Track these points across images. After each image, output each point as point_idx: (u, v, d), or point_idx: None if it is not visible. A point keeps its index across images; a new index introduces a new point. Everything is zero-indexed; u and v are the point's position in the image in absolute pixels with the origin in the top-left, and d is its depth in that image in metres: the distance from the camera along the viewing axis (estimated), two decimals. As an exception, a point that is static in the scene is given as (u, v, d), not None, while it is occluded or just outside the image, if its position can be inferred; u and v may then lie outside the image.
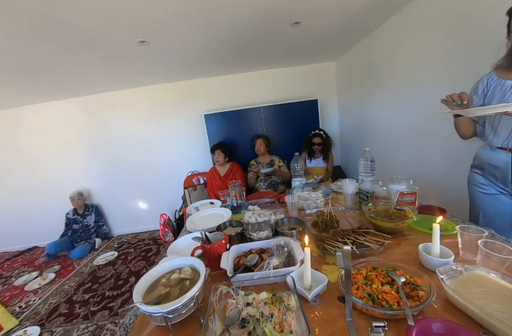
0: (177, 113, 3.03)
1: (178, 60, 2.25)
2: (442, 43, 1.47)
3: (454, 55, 1.40)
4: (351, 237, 0.82)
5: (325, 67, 3.13)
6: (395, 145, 2.11)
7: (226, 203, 1.46)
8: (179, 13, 1.42)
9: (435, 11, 1.47)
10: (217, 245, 0.81)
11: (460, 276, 0.60)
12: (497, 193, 1.03)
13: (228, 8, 1.45)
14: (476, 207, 1.10)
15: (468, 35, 1.30)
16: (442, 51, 1.49)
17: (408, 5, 1.66)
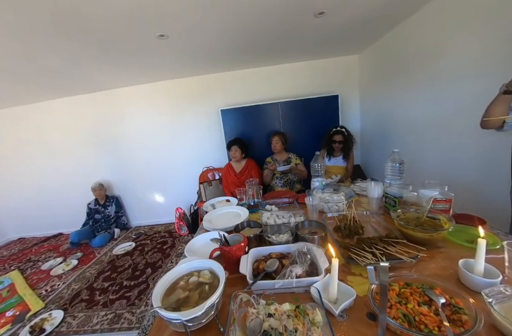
0: (194, 108, 3.03)
1: (197, 55, 2.22)
2: (487, 34, 1.31)
3: (500, 47, 1.25)
4: (379, 246, 0.76)
5: (348, 60, 2.97)
6: (425, 145, 1.96)
7: (242, 201, 1.44)
8: (199, 6, 1.37)
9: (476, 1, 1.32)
10: (236, 248, 0.78)
11: (510, 301, 0.53)
12: None
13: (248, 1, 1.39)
14: None
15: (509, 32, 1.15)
16: (480, 46, 1.34)
17: None
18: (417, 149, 2.05)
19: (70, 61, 1.97)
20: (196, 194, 2.89)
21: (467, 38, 1.46)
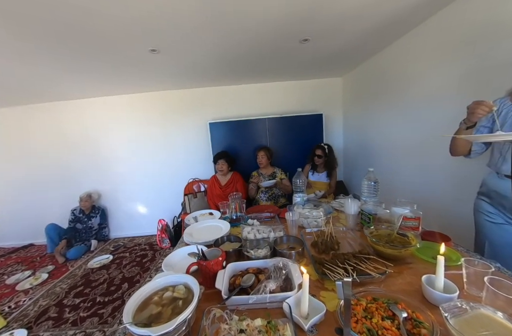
0: (183, 119, 3.08)
1: (188, 70, 2.30)
2: (456, 65, 1.46)
3: (468, 78, 1.39)
4: (352, 262, 0.79)
5: (332, 82, 3.18)
6: (399, 165, 2.09)
7: (225, 215, 1.45)
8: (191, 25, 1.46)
9: (448, 33, 1.48)
10: (214, 263, 0.79)
11: (465, 314, 0.57)
12: (505, 223, 0.99)
13: (238, 24, 1.50)
14: (482, 236, 1.07)
15: (483, 59, 1.29)
16: (454, 73, 1.48)
17: (420, 26, 1.68)
18: (392, 168, 2.18)
19: (60, 69, 1.99)
20: (181, 206, 2.85)
21: (432, 70, 1.63)
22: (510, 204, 0.96)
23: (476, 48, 1.31)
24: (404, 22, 1.63)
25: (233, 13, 1.36)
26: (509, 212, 0.98)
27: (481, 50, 1.28)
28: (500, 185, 0.98)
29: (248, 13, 1.37)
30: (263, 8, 1.34)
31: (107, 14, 1.27)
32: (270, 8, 1.34)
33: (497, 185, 1.00)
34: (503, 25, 1.17)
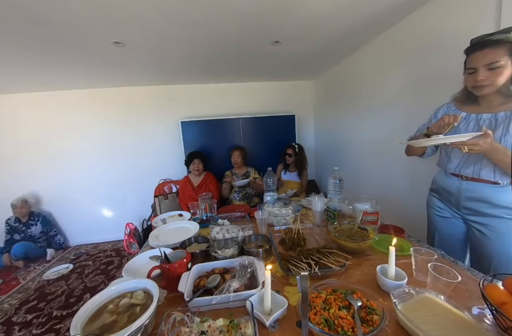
0: (153, 118, 2.94)
1: (156, 65, 2.20)
2: (409, 73, 1.59)
3: (420, 84, 1.52)
4: (315, 257, 0.82)
5: (304, 85, 3.29)
6: (363, 165, 2.23)
7: (196, 216, 1.41)
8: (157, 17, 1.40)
9: (407, 41, 1.60)
10: (178, 265, 0.76)
11: (411, 299, 0.63)
12: (451, 217, 1.08)
13: (207, 22, 1.47)
14: (433, 228, 1.17)
15: (432, 68, 1.42)
16: (408, 80, 1.61)
17: (383, 33, 1.80)
18: (358, 167, 2.32)
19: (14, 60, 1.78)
20: (151, 208, 2.72)
21: (393, 75, 1.75)
22: (455, 199, 1.03)
23: (429, 57, 1.43)
24: (370, 29, 1.73)
25: (202, 10, 1.34)
26: (454, 207, 1.05)
27: (434, 59, 1.40)
28: (447, 182, 1.06)
29: (218, 9, 1.35)
30: (233, 6, 1.33)
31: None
32: (241, 6, 1.33)
33: (444, 182, 1.08)
34: (453, 38, 1.28)
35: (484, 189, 0.92)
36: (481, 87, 0.86)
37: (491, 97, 0.88)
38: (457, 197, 1.01)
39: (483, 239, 0.96)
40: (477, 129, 0.91)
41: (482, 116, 0.91)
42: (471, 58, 0.87)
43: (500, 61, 0.79)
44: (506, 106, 0.86)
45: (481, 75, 0.83)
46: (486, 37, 0.83)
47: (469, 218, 1.00)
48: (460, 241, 1.09)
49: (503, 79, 0.82)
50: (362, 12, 1.48)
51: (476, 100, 0.94)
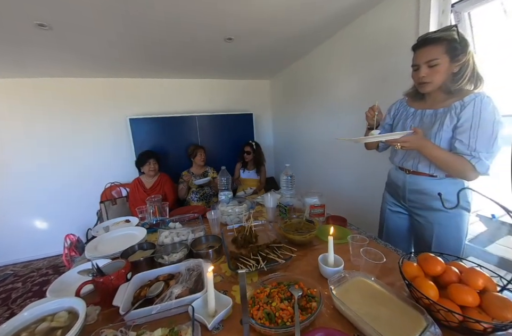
0: (96, 114, 2.62)
1: (95, 55, 1.96)
2: (364, 72, 1.68)
3: (371, 83, 1.60)
4: (263, 253, 0.84)
5: (261, 84, 3.34)
6: (317, 161, 2.38)
7: (144, 221, 1.31)
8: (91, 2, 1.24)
9: (353, 45, 1.71)
10: (114, 277, 0.69)
11: (346, 282, 0.68)
12: (400, 211, 1.11)
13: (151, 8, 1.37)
14: (382, 221, 1.21)
15: (384, 66, 1.50)
16: (360, 79, 1.70)
17: (332, 37, 1.91)
18: (312, 163, 2.46)
19: None
20: (96, 216, 2.44)
21: (346, 76, 1.84)
22: (401, 192, 1.05)
23: (378, 58, 1.53)
24: (320, 32, 1.82)
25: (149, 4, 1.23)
26: (402, 200, 1.07)
27: (383, 60, 1.50)
28: (395, 176, 1.08)
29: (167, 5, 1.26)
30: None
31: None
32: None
33: (393, 176, 1.10)
34: (399, 40, 1.40)
35: (423, 182, 0.96)
36: (423, 84, 0.88)
37: (435, 93, 0.92)
38: (402, 190, 1.04)
39: (423, 230, 1.00)
40: (421, 124, 0.95)
41: (426, 112, 0.95)
42: (415, 55, 0.89)
43: (437, 59, 0.81)
44: (446, 103, 0.88)
45: (423, 72, 0.85)
46: (427, 35, 0.85)
47: (413, 210, 1.04)
48: (404, 233, 1.13)
49: (441, 76, 0.84)
50: (312, 17, 1.55)
51: (423, 96, 0.97)
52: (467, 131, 0.82)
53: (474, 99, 0.81)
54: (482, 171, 0.81)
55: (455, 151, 0.85)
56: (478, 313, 0.53)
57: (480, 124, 0.80)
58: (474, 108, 0.80)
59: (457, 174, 0.88)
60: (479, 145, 0.80)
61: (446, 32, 0.81)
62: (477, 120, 0.80)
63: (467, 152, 0.82)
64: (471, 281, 0.57)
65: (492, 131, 0.79)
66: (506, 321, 0.50)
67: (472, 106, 0.80)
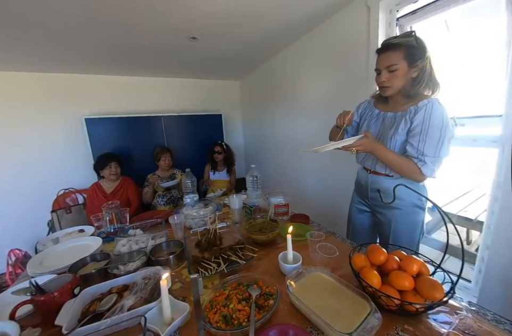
0: (43, 113, 2.36)
1: (46, 46, 1.75)
2: (324, 76, 1.76)
3: (335, 86, 1.67)
4: (225, 255, 0.84)
5: (230, 85, 3.33)
6: (285, 162, 2.45)
7: (101, 229, 1.22)
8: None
9: (317, 49, 1.77)
10: (58, 294, 0.63)
11: (303, 278, 0.71)
12: (365, 210, 1.15)
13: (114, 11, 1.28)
14: (349, 220, 1.25)
15: (344, 71, 1.57)
16: (324, 82, 1.77)
17: (297, 42, 1.97)
18: (282, 163, 2.53)
19: None
20: (47, 227, 2.19)
21: (312, 78, 1.90)
22: (365, 191, 1.08)
23: (338, 63, 1.61)
24: (288, 35, 1.86)
25: None
26: (366, 198, 1.10)
27: (342, 65, 1.58)
28: (360, 175, 1.13)
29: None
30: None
31: None
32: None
33: (359, 175, 1.14)
34: (354, 48, 1.49)
35: (383, 181, 0.99)
36: (384, 88, 0.91)
37: (396, 97, 0.95)
38: (365, 188, 1.07)
39: (383, 226, 1.04)
40: (382, 126, 0.99)
41: (387, 114, 0.99)
42: (377, 60, 0.91)
43: (396, 64, 0.84)
44: (404, 107, 0.91)
45: (383, 76, 0.88)
46: (388, 41, 0.87)
47: (374, 207, 1.08)
48: (368, 230, 1.17)
49: (400, 81, 0.87)
50: (280, 18, 1.57)
51: (386, 99, 1.00)
52: (417, 135, 0.85)
53: (426, 105, 0.84)
54: (427, 174, 0.86)
55: (407, 153, 0.89)
56: (413, 296, 0.59)
57: (429, 129, 0.83)
58: (425, 113, 0.84)
59: (405, 175, 0.92)
60: (426, 149, 0.84)
61: (405, 38, 0.84)
62: (427, 125, 0.83)
63: (415, 155, 0.86)
64: (408, 267, 0.64)
65: (439, 136, 0.82)
66: (435, 300, 0.57)
67: (424, 111, 0.84)
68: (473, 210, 1.72)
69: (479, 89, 1.23)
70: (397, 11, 1.34)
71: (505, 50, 0.97)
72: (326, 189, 1.93)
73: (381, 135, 0.99)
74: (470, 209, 1.76)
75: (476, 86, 1.23)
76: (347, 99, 1.61)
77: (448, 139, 0.83)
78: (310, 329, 0.57)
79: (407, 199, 0.95)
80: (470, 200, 1.85)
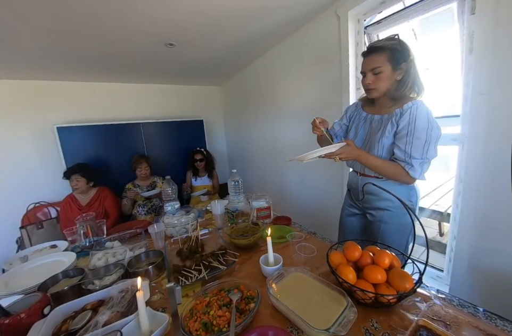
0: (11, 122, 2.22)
1: (13, 51, 1.65)
2: (301, 82, 1.79)
3: (314, 91, 1.69)
4: (206, 261, 0.83)
5: (211, 90, 3.34)
6: (267, 166, 2.47)
7: (75, 243, 1.16)
8: None
9: (294, 55, 1.81)
10: (26, 314, 0.59)
11: (283, 279, 0.72)
12: (355, 211, 1.13)
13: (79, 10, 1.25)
14: (340, 224, 1.23)
15: (327, 75, 1.58)
16: (301, 88, 1.80)
17: (274, 47, 2.01)
18: (264, 168, 2.55)
19: None
20: (16, 244, 2.03)
21: (290, 84, 1.92)
22: (356, 193, 1.08)
23: (318, 68, 1.65)
24: (265, 41, 1.89)
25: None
26: (357, 200, 1.09)
27: (323, 70, 1.62)
28: (351, 177, 1.11)
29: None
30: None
31: None
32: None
33: (350, 178, 1.13)
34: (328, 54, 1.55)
35: (367, 185, 0.94)
36: (370, 91, 0.91)
37: (382, 99, 0.94)
38: (356, 191, 1.06)
39: (372, 227, 1.03)
40: (370, 129, 0.99)
41: (374, 116, 0.98)
42: (362, 63, 0.91)
43: (380, 66, 0.84)
44: (390, 109, 0.91)
45: (368, 79, 0.88)
46: (373, 44, 0.87)
47: (365, 210, 1.06)
48: (358, 233, 1.15)
49: (385, 83, 0.87)
50: (256, 25, 1.59)
51: (373, 102, 1.00)
52: (404, 138, 0.85)
53: (411, 107, 0.84)
54: (416, 176, 0.85)
55: (395, 156, 0.89)
56: (386, 288, 0.62)
57: (415, 131, 0.82)
58: (410, 115, 0.83)
59: (393, 178, 0.92)
60: (414, 152, 0.83)
61: (388, 41, 0.84)
62: (412, 128, 0.83)
63: (403, 158, 0.86)
64: (380, 261, 0.68)
65: (426, 138, 0.82)
66: (406, 291, 0.61)
67: (409, 113, 0.84)
68: (444, 203, 1.84)
69: (441, 92, 1.34)
70: (365, 21, 1.43)
71: (460, 57, 1.07)
72: (308, 190, 1.98)
73: (369, 138, 0.99)
74: (441, 203, 1.88)
75: (439, 90, 1.34)
76: (324, 104, 1.67)
77: (434, 140, 0.83)
78: (290, 329, 0.58)
79: (397, 201, 0.91)
80: (441, 194, 1.98)
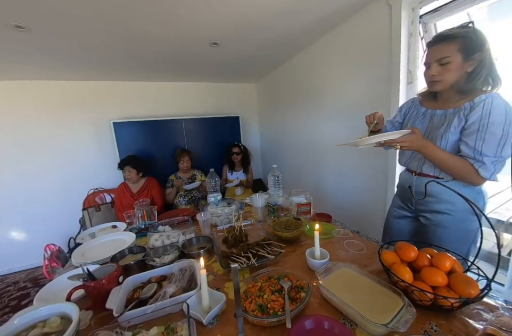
0: (76, 118, 2.54)
1: (76, 56, 1.89)
2: (343, 77, 1.73)
3: (363, 85, 1.58)
4: (254, 250, 0.87)
5: (247, 87, 3.40)
6: (303, 162, 2.44)
7: (132, 225, 1.30)
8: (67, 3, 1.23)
9: (336, 50, 1.75)
10: (106, 281, 0.69)
11: (331, 273, 0.73)
12: (406, 215, 1.04)
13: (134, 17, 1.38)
14: (386, 225, 1.16)
15: (366, 72, 1.52)
16: (344, 84, 1.73)
17: (314, 44, 1.96)
18: (300, 163, 2.53)
19: None
20: (79, 224, 2.34)
21: (331, 80, 1.86)
22: (408, 195, 0.98)
23: (366, 63, 1.55)
24: (305, 36, 1.86)
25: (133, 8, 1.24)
26: (409, 202, 1.00)
27: (371, 64, 1.52)
28: (404, 177, 1.03)
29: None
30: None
31: None
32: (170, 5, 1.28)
33: (402, 178, 1.04)
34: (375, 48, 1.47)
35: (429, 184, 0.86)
36: (433, 83, 0.83)
37: (447, 93, 0.86)
38: (408, 193, 0.98)
39: (427, 232, 0.94)
40: (430, 124, 0.90)
41: (436, 112, 0.90)
42: (427, 53, 0.83)
43: (449, 56, 0.76)
44: (457, 103, 0.83)
45: (433, 70, 0.80)
46: (442, 32, 0.80)
47: (419, 213, 0.98)
48: (407, 237, 1.05)
49: (452, 75, 0.78)
50: (298, 19, 1.57)
51: (435, 96, 0.92)
52: (474, 133, 0.76)
53: (484, 100, 0.75)
54: (487, 176, 0.76)
55: (461, 153, 0.80)
56: (446, 291, 0.59)
57: (488, 127, 0.74)
58: (483, 109, 0.75)
59: (459, 178, 0.83)
60: (485, 149, 0.75)
61: (461, 29, 0.76)
62: (486, 123, 0.74)
63: (471, 155, 0.77)
64: (440, 264, 0.64)
65: (502, 134, 0.73)
66: (470, 297, 0.57)
67: (482, 107, 0.75)
68: (505, 212, 1.64)
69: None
70: (420, 9, 1.32)
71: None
72: (346, 188, 1.91)
73: (429, 134, 0.90)
74: (501, 211, 1.67)
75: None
76: (370, 100, 1.58)
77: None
78: (343, 321, 0.59)
79: (461, 204, 0.80)
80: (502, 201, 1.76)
